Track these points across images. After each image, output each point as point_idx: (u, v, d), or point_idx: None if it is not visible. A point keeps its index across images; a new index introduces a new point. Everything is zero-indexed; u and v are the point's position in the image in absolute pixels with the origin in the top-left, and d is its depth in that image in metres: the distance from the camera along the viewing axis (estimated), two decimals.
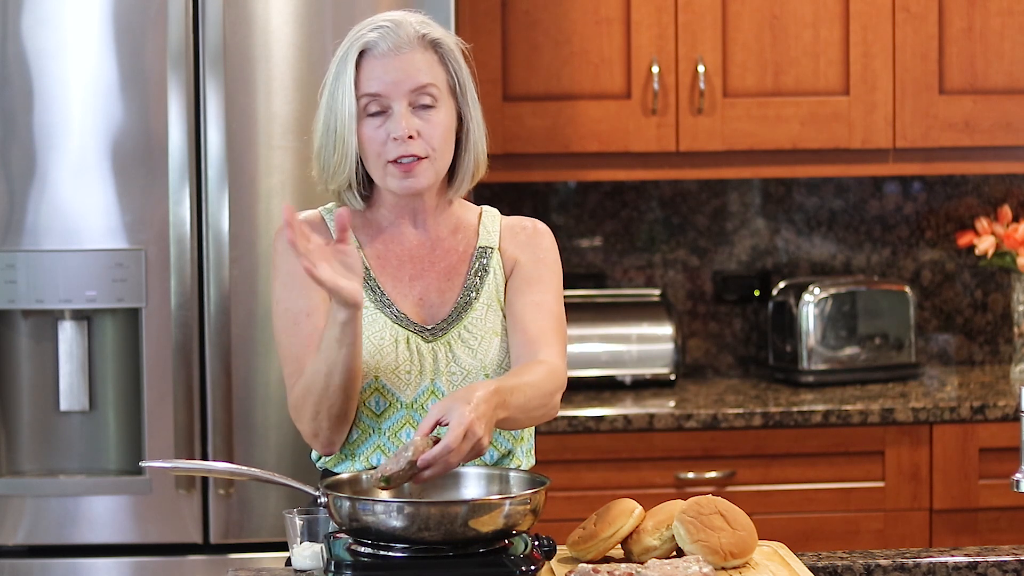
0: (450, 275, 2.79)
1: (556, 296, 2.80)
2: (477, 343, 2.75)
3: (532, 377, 2.65)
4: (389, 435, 2.72)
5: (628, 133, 4.31)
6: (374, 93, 2.69)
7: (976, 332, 4.74)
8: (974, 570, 2.64)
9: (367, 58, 2.70)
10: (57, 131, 3.71)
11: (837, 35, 4.34)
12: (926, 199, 4.71)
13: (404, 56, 2.69)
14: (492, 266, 2.81)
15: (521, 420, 2.64)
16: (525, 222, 2.87)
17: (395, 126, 2.68)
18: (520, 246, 2.83)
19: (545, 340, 2.74)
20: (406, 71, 2.69)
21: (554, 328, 2.76)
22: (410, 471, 2.44)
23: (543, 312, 2.77)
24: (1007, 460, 4.05)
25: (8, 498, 3.76)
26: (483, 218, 2.85)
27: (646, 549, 2.54)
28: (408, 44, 2.70)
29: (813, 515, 4.13)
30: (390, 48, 2.69)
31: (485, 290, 2.78)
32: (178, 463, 3.07)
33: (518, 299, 2.78)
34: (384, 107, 2.70)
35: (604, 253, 4.67)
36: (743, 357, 4.69)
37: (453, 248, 2.81)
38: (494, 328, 2.77)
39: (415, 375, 2.72)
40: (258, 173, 3.72)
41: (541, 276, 2.81)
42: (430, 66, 2.71)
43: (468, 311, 2.76)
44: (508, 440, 2.79)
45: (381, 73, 2.69)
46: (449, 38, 2.75)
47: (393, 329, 2.73)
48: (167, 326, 3.72)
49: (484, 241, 2.82)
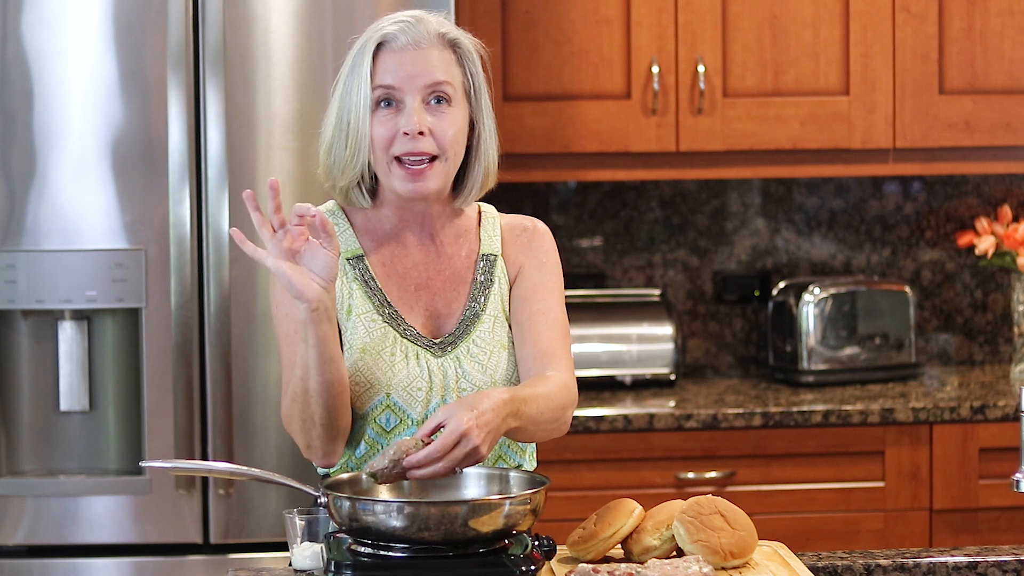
0: (455, 283, 2.77)
1: (559, 300, 2.79)
2: (487, 357, 2.72)
3: (546, 389, 2.64)
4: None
5: (628, 133, 4.31)
6: (388, 85, 2.66)
7: (976, 332, 4.74)
8: (974, 570, 2.65)
9: (384, 50, 2.67)
10: (57, 131, 3.71)
11: (837, 35, 4.34)
12: (926, 199, 4.71)
13: (422, 51, 2.67)
14: (496, 275, 2.78)
15: (533, 432, 2.63)
16: (525, 222, 2.84)
17: (406, 120, 2.65)
18: (522, 250, 2.81)
19: (554, 354, 2.73)
20: (423, 66, 2.66)
21: (561, 339, 2.75)
22: (394, 469, 2.44)
23: (550, 322, 2.75)
24: (1007, 460, 4.05)
25: (8, 498, 3.76)
26: (483, 220, 2.83)
27: (646, 549, 2.54)
28: (427, 40, 2.68)
29: (813, 515, 4.13)
30: (408, 42, 2.66)
31: (491, 301, 2.76)
32: (178, 463, 3.07)
33: (524, 308, 2.76)
34: (397, 100, 2.67)
35: (604, 253, 4.67)
36: (743, 357, 4.70)
37: (456, 254, 2.79)
38: (501, 341, 2.75)
39: (426, 392, 2.70)
40: (258, 173, 3.72)
41: (545, 281, 2.79)
42: (447, 64, 2.69)
43: (476, 324, 2.74)
44: (517, 454, 2.77)
45: (397, 66, 2.66)
46: (469, 40, 2.73)
47: (403, 345, 2.70)
48: (167, 326, 3.72)
49: (487, 248, 2.80)
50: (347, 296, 2.72)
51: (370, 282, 2.73)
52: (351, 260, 2.74)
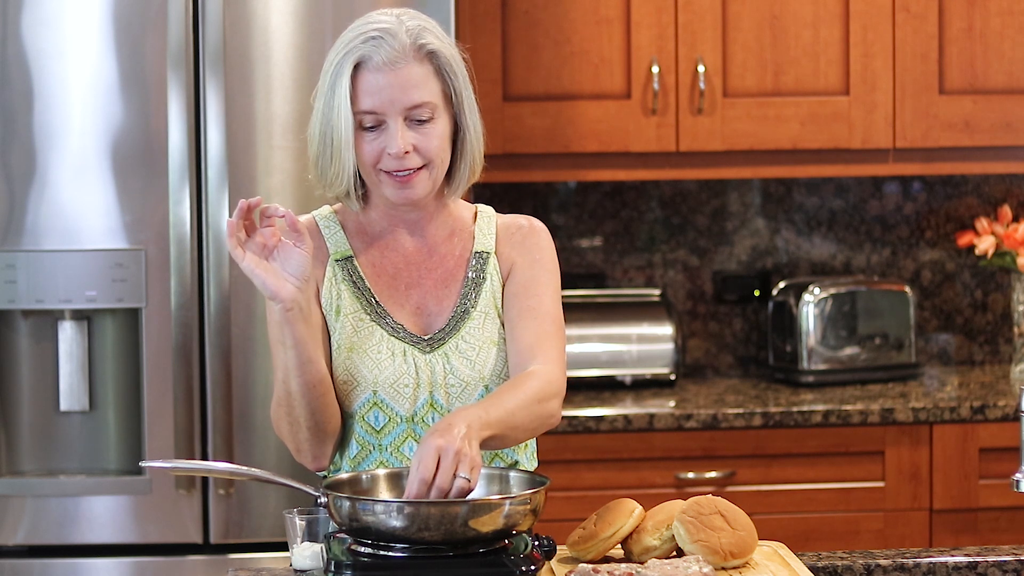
0: (447, 281, 2.77)
1: (553, 297, 2.77)
2: (475, 353, 2.72)
3: (518, 393, 2.61)
4: (391, 450, 2.70)
5: (628, 133, 4.31)
6: (369, 110, 2.66)
7: (976, 332, 4.74)
8: (974, 570, 2.64)
9: (362, 71, 2.66)
10: (57, 131, 3.71)
11: (837, 35, 4.34)
12: (926, 199, 4.71)
13: (399, 71, 2.65)
14: (489, 272, 2.78)
15: (513, 437, 2.61)
16: (520, 220, 2.83)
17: (391, 142, 2.65)
18: (515, 247, 2.80)
19: (540, 347, 2.71)
20: (402, 87, 2.65)
21: (550, 332, 2.73)
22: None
23: (539, 317, 2.74)
24: (1007, 460, 4.05)
25: (8, 498, 3.76)
26: (479, 219, 2.83)
27: (646, 549, 2.54)
28: (403, 56, 2.65)
29: (813, 515, 4.13)
30: (384, 62, 2.65)
31: (482, 298, 2.76)
32: (178, 463, 3.06)
33: (514, 305, 2.76)
34: (379, 122, 2.66)
35: (604, 253, 4.67)
36: (743, 357, 4.69)
37: (449, 253, 2.79)
38: (491, 338, 2.74)
39: (413, 388, 2.70)
40: (258, 173, 3.72)
41: (537, 278, 2.78)
42: (426, 79, 2.67)
43: (466, 321, 2.74)
44: (512, 450, 2.77)
45: (376, 89, 2.65)
46: (444, 46, 2.70)
47: (390, 342, 2.71)
48: (167, 326, 3.72)
49: (480, 246, 2.79)
50: (335, 297, 2.73)
51: (358, 282, 2.74)
52: (340, 262, 2.75)
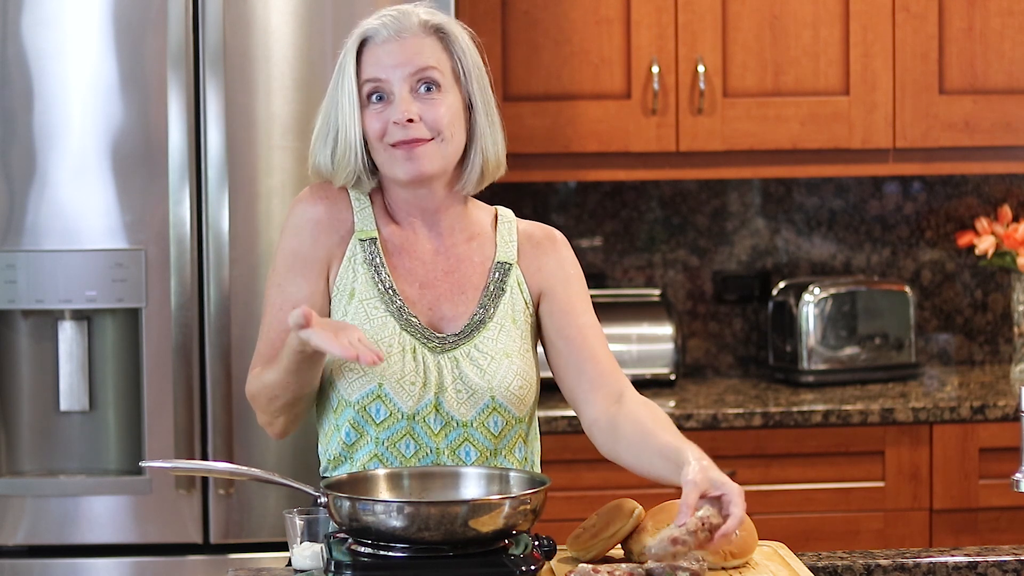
0: (464, 288, 2.73)
1: (591, 309, 2.80)
2: (487, 363, 2.69)
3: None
4: (388, 446, 2.67)
5: (628, 133, 4.31)
6: (374, 78, 2.65)
7: (976, 332, 4.74)
8: (974, 570, 2.64)
9: (368, 46, 2.67)
10: (57, 131, 3.71)
11: (837, 35, 4.34)
12: (926, 199, 4.71)
13: (406, 41, 2.66)
14: (510, 284, 2.75)
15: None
16: (540, 233, 2.82)
17: (395, 110, 2.64)
18: (543, 267, 2.78)
19: (617, 369, 2.76)
20: (406, 55, 2.65)
21: (607, 349, 2.78)
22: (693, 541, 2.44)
23: (599, 335, 2.77)
24: (1007, 460, 4.05)
25: (8, 498, 3.76)
26: (499, 225, 2.80)
27: (646, 549, 2.53)
28: (410, 30, 2.67)
29: (813, 515, 4.13)
30: (391, 35, 2.66)
31: (500, 309, 2.73)
32: (178, 463, 3.06)
33: (569, 323, 2.76)
34: (387, 92, 2.66)
35: (604, 253, 4.67)
36: (743, 357, 4.69)
37: (468, 258, 2.75)
38: (504, 349, 2.71)
39: (419, 387, 2.67)
40: (258, 173, 3.72)
41: (579, 294, 2.79)
42: (433, 51, 2.67)
43: (481, 330, 2.71)
44: (514, 451, 2.75)
45: (381, 58, 2.65)
46: (455, 25, 2.71)
47: (402, 337, 2.67)
48: (167, 326, 3.72)
49: (502, 255, 2.76)
50: (351, 279, 2.70)
51: (379, 267, 2.70)
52: (364, 242, 2.71)
